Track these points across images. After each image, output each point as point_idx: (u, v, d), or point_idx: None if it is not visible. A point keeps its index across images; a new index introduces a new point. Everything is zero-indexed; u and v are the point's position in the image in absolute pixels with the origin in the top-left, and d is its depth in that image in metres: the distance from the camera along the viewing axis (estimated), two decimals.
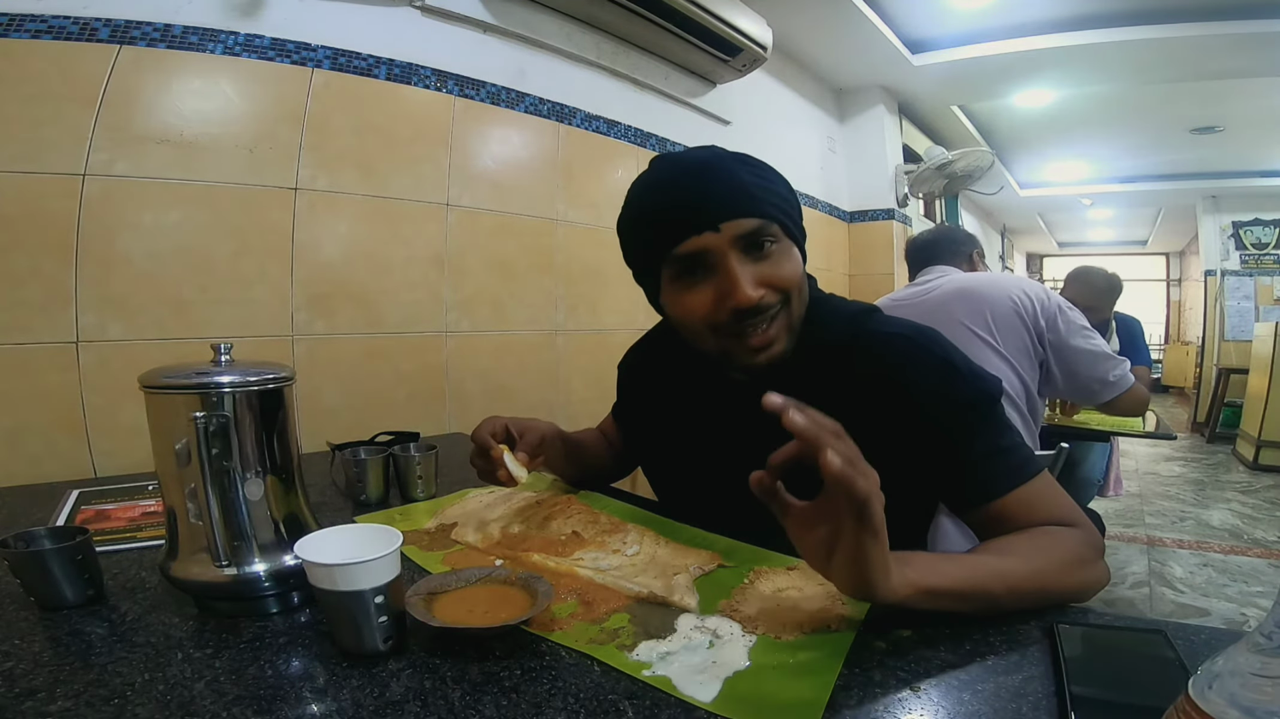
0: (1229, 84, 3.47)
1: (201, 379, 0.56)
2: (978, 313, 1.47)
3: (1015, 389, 1.45)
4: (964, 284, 1.56)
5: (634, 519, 0.83)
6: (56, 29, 1.14)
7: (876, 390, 0.70)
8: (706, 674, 0.49)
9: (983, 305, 1.47)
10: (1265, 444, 4.50)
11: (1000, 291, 1.49)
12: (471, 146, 1.74)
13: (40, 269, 1.13)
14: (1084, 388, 1.51)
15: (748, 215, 0.67)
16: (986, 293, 1.49)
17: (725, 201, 0.67)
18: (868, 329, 0.74)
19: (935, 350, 0.71)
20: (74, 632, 0.56)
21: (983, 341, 1.45)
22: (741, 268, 0.67)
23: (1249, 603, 2.40)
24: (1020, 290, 1.49)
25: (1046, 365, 1.48)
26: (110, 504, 0.93)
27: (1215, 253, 6.27)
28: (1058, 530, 0.64)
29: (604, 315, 2.10)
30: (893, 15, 2.96)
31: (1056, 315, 1.47)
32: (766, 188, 0.69)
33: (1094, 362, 1.47)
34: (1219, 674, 0.30)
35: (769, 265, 0.68)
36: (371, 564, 0.50)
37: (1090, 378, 1.49)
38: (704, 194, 0.67)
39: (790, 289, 0.70)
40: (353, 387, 1.51)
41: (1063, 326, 1.46)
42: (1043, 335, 1.46)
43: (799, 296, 0.72)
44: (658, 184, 0.71)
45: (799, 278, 0.71)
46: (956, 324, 1.46)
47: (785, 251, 0.70)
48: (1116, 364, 1.51)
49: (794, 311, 0.72)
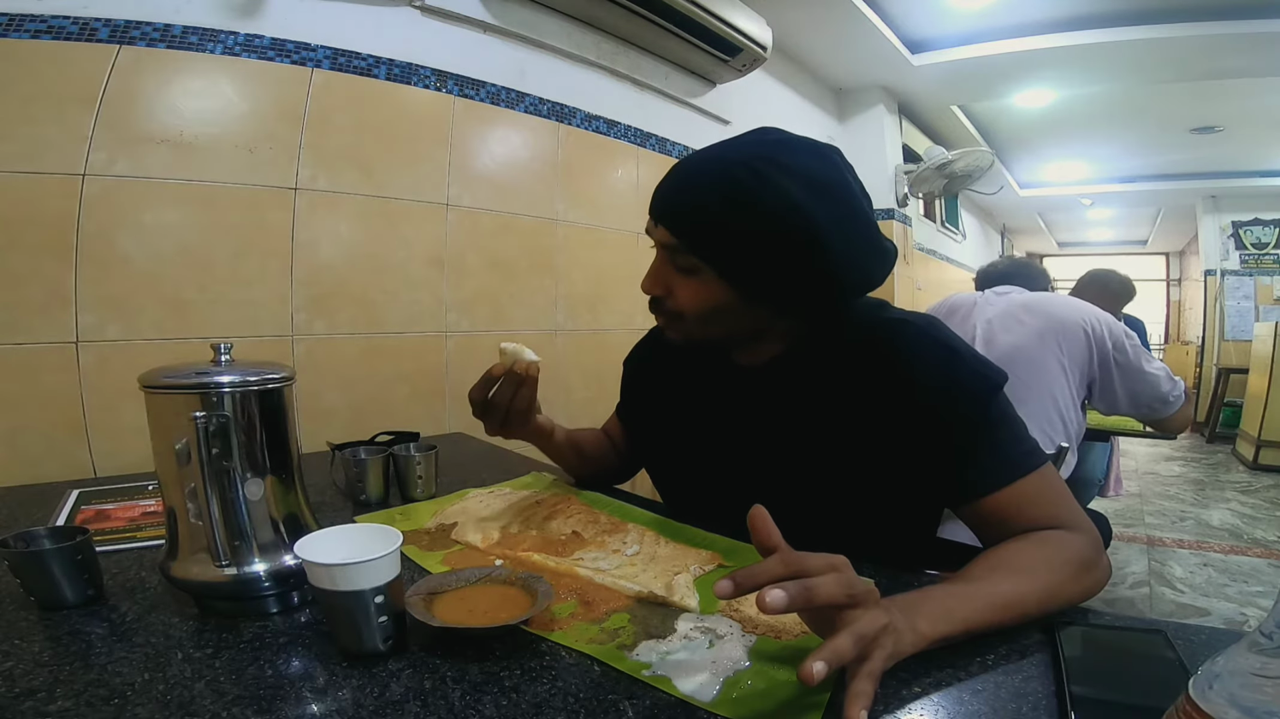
0: (1229, 84, 3.47)
1: (201, 379, 0.56)
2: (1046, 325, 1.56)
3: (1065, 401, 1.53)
4: (1034, 298, 1.66)
5: (634, 519, 0.83)
6: (56, 29, 1.13)
7: (880, 376, 0.69)
8: (706, 674, 0.49)
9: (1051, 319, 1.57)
10: (1265, 444, 4.50)
11: (1072, 311, 1.59)
12: (471, 146, 1.74)
13: (40, 269, 1.13)
14: (1145, 406, 1.61)
15: (670, 230, 0.70)
16: (1056, 310, 1.59)
17: (662, 206, 0.71)
18: (876, 319, 0.74)
19: (939, 338, 0.71)
20: (74, 632, 0.55)
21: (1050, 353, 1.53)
22: (659, 264, 0.74)
23: (1249, 603, 2.40)
24: (1091, 312, 1.60)
25: (1107, 385, 1.58)
26: (110, 504, 0.93)
27: (1215, 253, 6.26)
28: (1060, 537, 0.62)
29: (604, 315, 2.10)
30: (893, 15, 2.95)
31: (1124, 340, 1.58)
32: (711, 221, 0.66)
33: (1158, 383, 1.58)
34: (1219, 674, 0.30)
35: (678, 280, 0.72)
36: (371, 564, 0.50)
37: (1154, 398, 1.59)
38: (665, 189, 0.72)
39: (683, 312, 0.73)
40: (353, 387, 1.51)
41: (1130, 350, 1.57)
42: (1107, 358, 1.55)
43: (699, 323, 0.73)
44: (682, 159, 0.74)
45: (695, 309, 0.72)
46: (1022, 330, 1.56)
47: (697, 280, 0.70)
48: (1177, 385, 1.62)
49: (691, 330, 0.74)
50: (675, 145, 2.35)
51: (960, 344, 0.71)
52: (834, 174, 0.68)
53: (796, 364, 0.75)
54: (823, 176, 0.67)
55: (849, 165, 0.71)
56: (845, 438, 0.71)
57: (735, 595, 0.43)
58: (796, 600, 0.42)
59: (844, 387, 0.72)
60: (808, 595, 0.43)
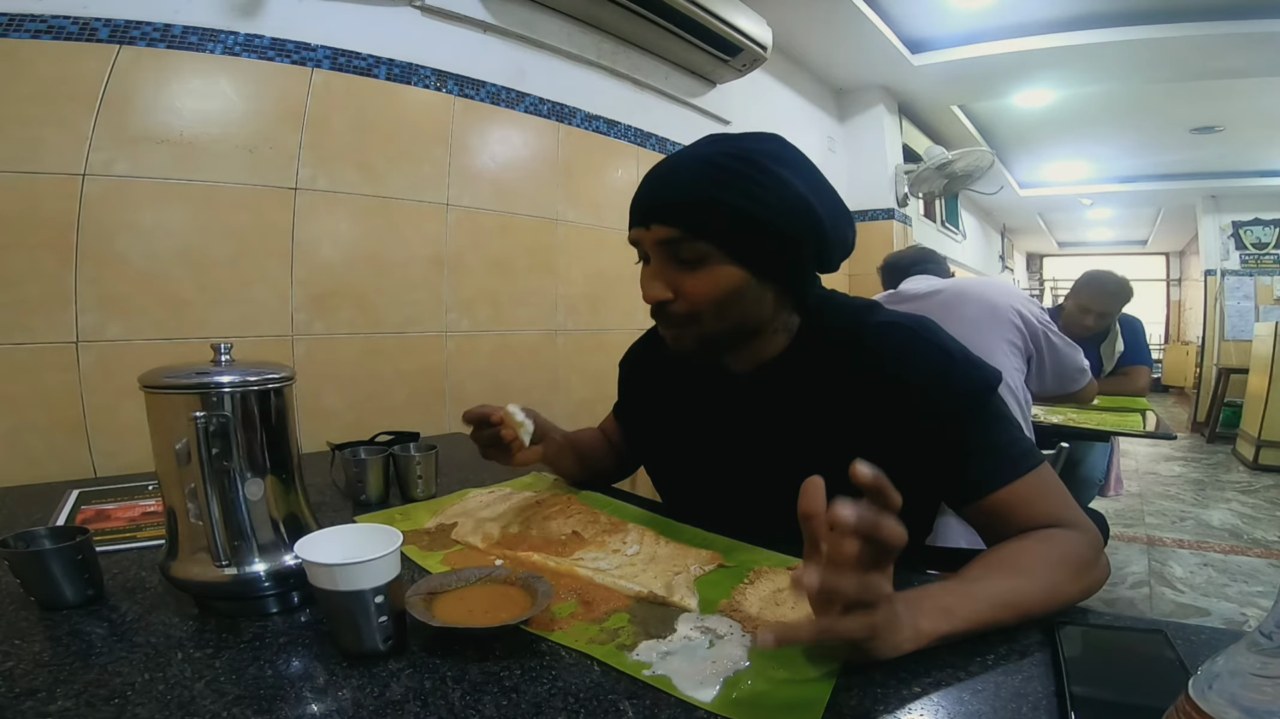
0: (1229, 84, 3.47)
1: (201, 379, 0.56)
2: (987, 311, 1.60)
3: (1016, 383, 1.59)
4: (967, 286, 1.71)
5: (634, 519, 0.83)
6: (56, 29, 1.13)
7: (875, 381, 0.70)
8: (706, 674, 0.49)
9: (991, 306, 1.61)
10: (1265, 444, 4.50)
11: (1001, 295, 1.65)
12: (471, 146, 1.74)
13: (40, 269, 1.13)
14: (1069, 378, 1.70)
15: (669, 224, 0.68)
16: (991, 295, 1.64)
17: (657, 205, 0.69)
18: (868, 322, 0.74)
19: (932, 340, 0.71)
20: (74, 632, 0.56)
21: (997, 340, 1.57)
22: (658, 266, 0.71)
23: (1249, 603, 2.40)
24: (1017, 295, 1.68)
25: (1040, 365, 1.65)
26: (110, 504, 0.93)
27: (1215, 253, 6.26)
28: (1060, 536, 0.62)
29: (604, 315, 2.10)
30: (893, 15, 2.96)
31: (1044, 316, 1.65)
32: (713, 202, 0.66)
33: (1073, 355, 1.67)
34: (1219, 674, 0.30)
35: (684, 276, 0.70)
36: (371, 564, 0.50)
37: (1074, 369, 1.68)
38: (651, 190, 0.70)
39: (697, 308, 0.70)
40: (353, 387, 1.51)
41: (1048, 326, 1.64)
42: (1038, 336, 1.61)
43: (715, 315, 0.71)
44: (652, 168, 0.73)
45: (709, 299, 0.70)
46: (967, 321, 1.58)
47: (707, 269, 0.69)
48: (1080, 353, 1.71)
49: (706, 326, 0.72)
50: (675, 145, 2.35)
51: (953, 345, 0.71)
52: (795, 151, 0.72)
53: (790, 368, 0.75)
54: (788, 154, 0.71)
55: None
56: (840, 441, 0.70)
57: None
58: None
59: (838, 389, 0.72)
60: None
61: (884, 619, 0.47)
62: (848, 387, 0.71)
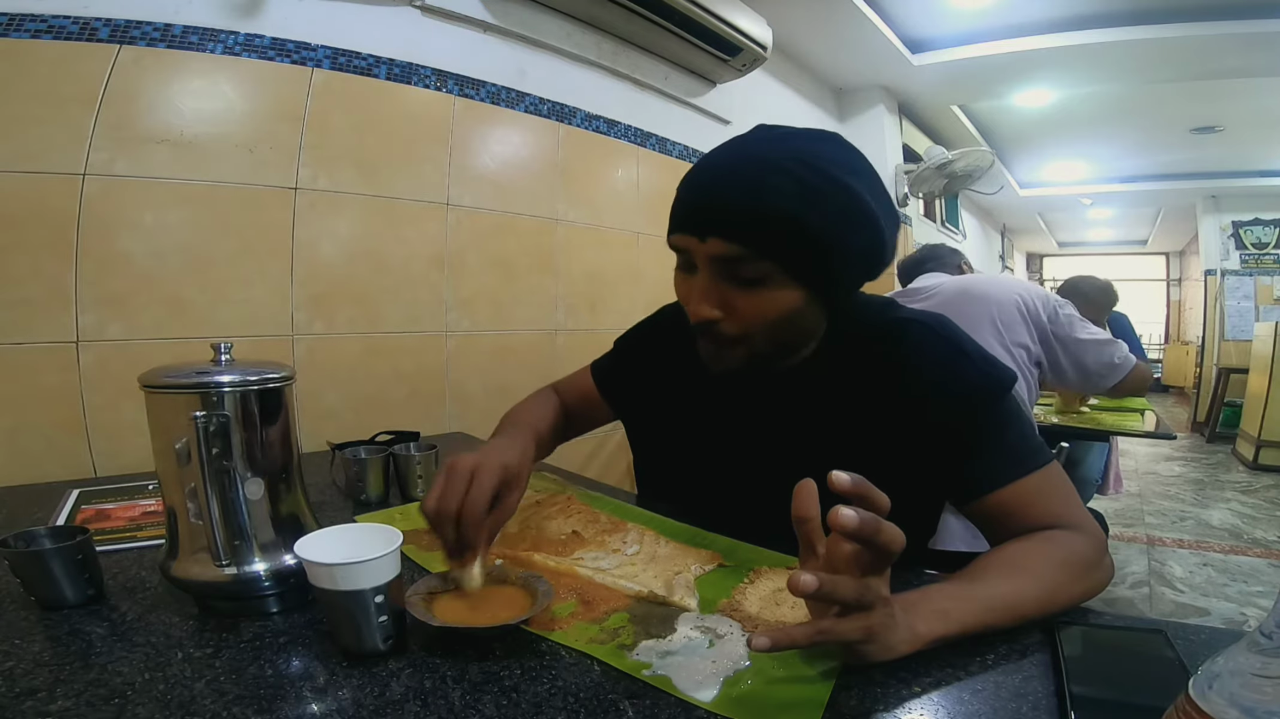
0: (1229, 84, 3.46)
1: (201, 379, 0.56)
2: (984, 310, 1.56)
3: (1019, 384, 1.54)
4: (968, 283, 1.67)
5: (634, 519, 0.83)
6: (56, 29, 1.13)
7: (888, 376, 0.69)
8: (706, 674, 0.49)
9: (988, 302, 1.57)
10: (1265, 444, 4.50)
11: (1004, 290, 1.59)
12: (471, 146, 1.74)
13: (40, 269, 1.13)
14: (1095, 374, 1.61)
15: (732, 240, 0.62)
16: (991, 291, 1.59)
17: (719, 216, 0.62)
18: (885, 319, 0.74)
19: (947, 336, 0.71)
20: (74, 631, 0.56)
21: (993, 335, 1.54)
22: (710, 283, 0.65)
23: (1249, 603, 2.40)
24: (1024, 289, 1.60)
25: (1054, 361, 1.58)
26: (110, 504, 0.93)
27: (1215, 253, 6.27)
28: (1064, 537, 0.62)
29: (604, 315, 2.10)
30: (893, 15, 2.95)
31: (1057, 311, 1.57)
32: (784, 219, 0.60)
33: (1100, 349, 1.58)
34: (1219, 674, 0.30)
35: (739, 294, 0.64)
36: (371, 564, 0.50)
37: (1100, 363, 1.59)
38: (710, 197, 0.63)
39: (750, 330, 0.65)
40: (353, 387, 1.51)
41: (1064, 321, 1.57)
42: (1045, 331, 1.55)
43: (766, 336, 0.66)
44: (702, 163, 0.67)
45: (764, 320, 0.65)
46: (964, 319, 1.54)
47: (767, 290, 0.63)
48: (1118, 347, 1.62)
49: (756, 346, 0.67)
50: (675, 145, 2.35)
51: (969, 343, 0.71)
52: (859, 157, 0.66)
53: (816, 368, 0.74)
54: (855, 162, 0.65)
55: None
56: (852, 438, 0.70)
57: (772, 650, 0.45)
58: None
59: (852, 386, 0.72)
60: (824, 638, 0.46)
61: (880, 622, 0.47)
62: (867, 384, 0.71)
